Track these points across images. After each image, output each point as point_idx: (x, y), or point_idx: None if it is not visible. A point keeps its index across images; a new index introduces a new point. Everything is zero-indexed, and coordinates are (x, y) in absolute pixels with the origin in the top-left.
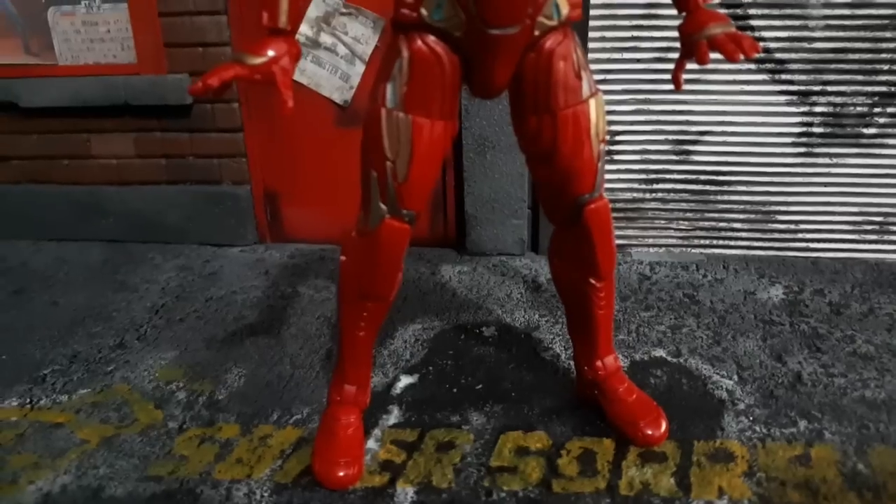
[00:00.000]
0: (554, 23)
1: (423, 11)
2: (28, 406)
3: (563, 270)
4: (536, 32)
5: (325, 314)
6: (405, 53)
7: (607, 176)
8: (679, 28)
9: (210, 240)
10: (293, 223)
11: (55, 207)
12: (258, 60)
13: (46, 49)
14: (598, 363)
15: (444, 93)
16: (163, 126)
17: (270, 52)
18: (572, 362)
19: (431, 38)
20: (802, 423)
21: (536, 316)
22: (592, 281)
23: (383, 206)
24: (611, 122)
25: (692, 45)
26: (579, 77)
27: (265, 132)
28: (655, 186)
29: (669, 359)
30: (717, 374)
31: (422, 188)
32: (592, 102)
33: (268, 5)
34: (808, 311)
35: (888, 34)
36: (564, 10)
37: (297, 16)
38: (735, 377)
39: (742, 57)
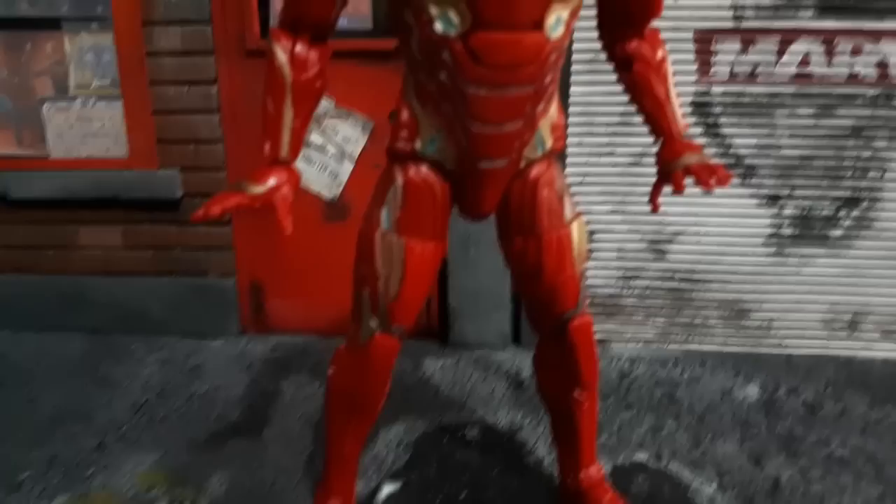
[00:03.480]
0: (538, 155)
1: (418, 145)
2: None
3: (547, 381)
4: (522, 164)
5: (307, 413)
6: (399, 181)
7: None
8: (656, 154)
9: (193, 331)
10: (277, 314)
11: (38, 297)
12: (259, 189)
13: (38, 142)
14: (582, 474)
15: (435, 217)
16: (151, 218)
17: (271, 181)
18: (556, 467)
19: (424, 168)
20: None
21: (520, 416)
22: (576, 393)
23: (374, 322)
24: (589, 221)
25: (669, 173)
26: (562, 202)
27: (253, 225)
28: (633, 283)
29: (650, 464)
30: (698, 479)
31: (412, 305)
32: (575, 226)
33: (270, 136)
34: (784, 411)
35: (851, 142)
36: (548, 143)
37: (298, 145)
38: (715, 483)
39: (716, 187)
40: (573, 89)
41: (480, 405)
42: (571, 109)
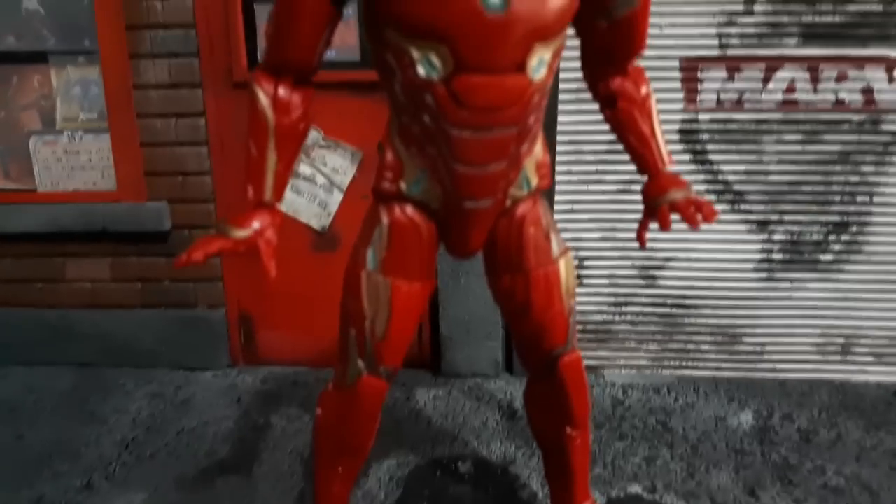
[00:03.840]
0: (524, 193)
1: (403, 185)
2: None
3: (539, 418)
4: (508, 202)
5: (297, 448)
6: (385, 221)
7: (579, 299)
8: (642, 190)
9: (183, 364)
10: (266, 345)
11: (26, 331)
12: (242, 234)
13: (26, 175)
14: None
15: (421, 257)
16: (140, 251)
17: (255, 225)
18: (550, 503)
19: (410, 208)
20: None
21: (513, 448)
22: (568, 430)
23: (361, 364)
24: (579, 248)
25: (655, 209)
26: (548, 239)
27: (242, 256)
28: (624, 309)
29: (645, 495)
30: None
31: (399, 346)
32: (562, 262)
33: (253, 179)
34: (779, 438)
35: (838, 168)
36: (534, 181)
37: (281, 187)
38: None
39: (701, 223)
40: (561, 118)
41: (473, 437)
42: (559, 138)
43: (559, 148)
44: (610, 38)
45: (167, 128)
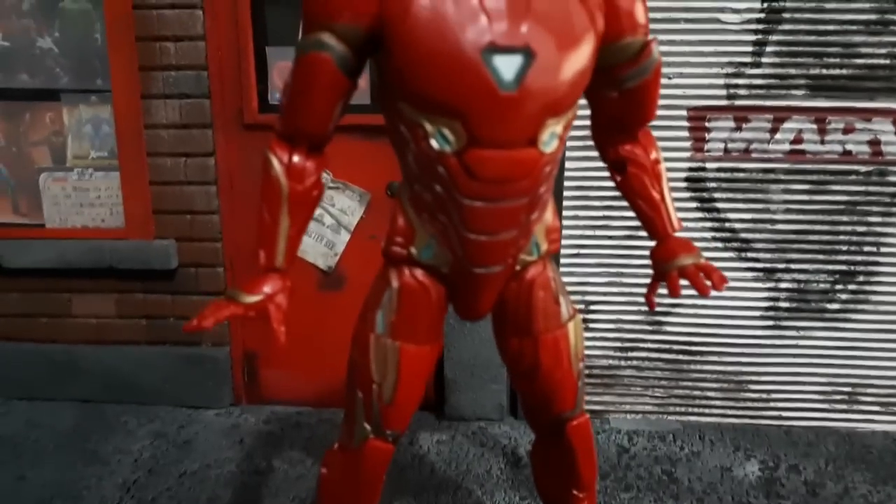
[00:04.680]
0: (534, 258)
1: (413, 250)
2: None
3: (545, 478)
4: (518, 267)
5: (298, 495)
6: (395, 285)
7: (584, 344)
8: (651, 252)
9: (186, 401)
10: (270, 384)
11: (30, 366)
12: (253, 299)
13: (35, 210)
14: None
15: (430, 321)
16: (146, 288)
17: (266, 289)
18: None
19: (420, 272)
20: None
21: (517, 498)
22: (575, 492)
23: (367, 427)
24: (585, 293)
25: (664, 274)
26: (558, 303)
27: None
28: (630, 354)
29: None
30: None
31: (406, 410)
32: (571, 326)
33: (265, 244)
34: (785, 491)
35: (845, 217)
36: (544, 246)
37: (293, 252)
38: None
39: (712, 291)
40: (568, 164)
41: (477, 486)
42: (566, 184)
43: (566, 193)
44: (621, 107)
45: (177, 167)
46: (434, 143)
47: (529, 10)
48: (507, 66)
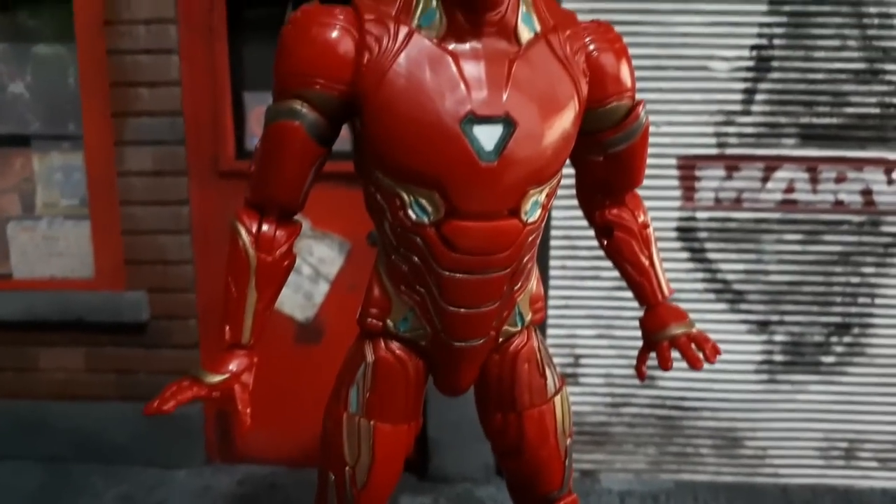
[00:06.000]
0: (518, 329)
1: (390, 322)
2: None
3: None
4: (501, 339)
5: None
6: (370, 359)
7: (574, 399)
8: (640, 321)
9: (156, 460)
10: (244, 443)
11: None
12: (217, 379)
13: (2, 260)
14: None
15: (407, 397)
16: (116, 341)
17: (231, 367)
18: None
19: (396, 345)
20: None
21: None
22: None
23: None
24: (574, 346)
25: (654, 344)
26: (543, 376)
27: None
28: (622, 410)
29: None
30: None
31: (382, 493)
32: (558, 400)
33: (231, 320)
34: None
35: (838, 269)
36: (528, 316)
37: (260, 328)
38: None
39: (704, 363)
40: (555, 213)
41: None
42: (554, 233)
43: (552, 242)
44: (607, 171)
45: (149, 216)
46: (411, 214)
47: (510, 77)
48: (486, 137)
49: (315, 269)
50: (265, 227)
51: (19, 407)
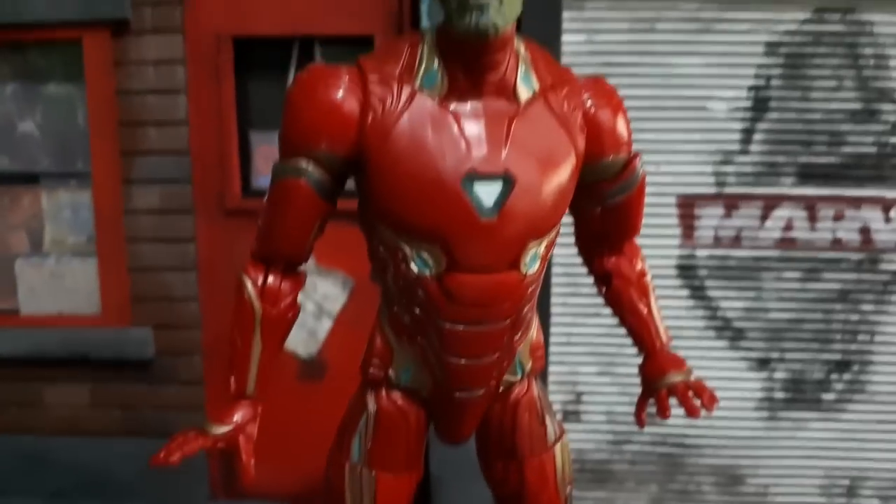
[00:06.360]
0: (518, 378)
1: (392, 373)
2: None
3: None
4: (501, 388)
5: None
6: (372, 409)
7: (576, 436)
8: (640, 369)
9: (161, 498)
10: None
11: None
12: (222, 430)
13: (9, 296)
14: None
15: (409, 447)
16: (121, 377)
17: (236, 419)
18: None
19: (398, 395)
20: None
21: None
22: None
23: None
24: (575, 383)
25: (653, 392)
26: (543, 424)
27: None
28: (623, 448)
29: None
30: None
31: None
32: (558, 448)
33: (236, 370)
34: None
35: (838, 306)
36: (528, 365)
37: (265, 379)
38: None
39: (702, 412)
40: (557, 250)
41: None
42: (556, 270)
43: (554, 280)
44: (605, 222)
45: (156, 253)
46: (413, 267)
47: (509, 135)
48: (487, 193)
49: (319, 305)
50: (271, 280)
51: (24, 442)
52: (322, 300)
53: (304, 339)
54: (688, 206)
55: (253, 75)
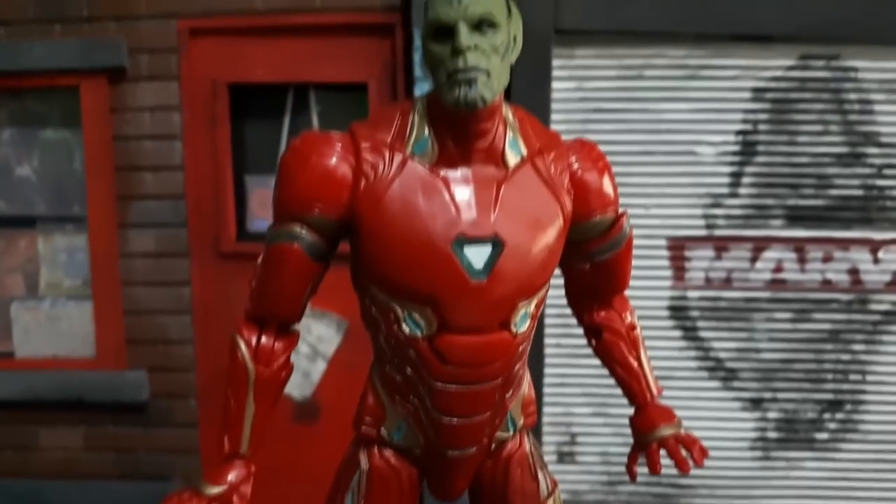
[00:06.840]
0: (509, 434)
1: (384, 431)
2: None
3: None
4: (493, 445)
5: None
6: (364, 467)
7: (571, 477)
8: (630, 421)
9: None
10: None
11: None
12: (216, 491)
13: (4, 340)
14: None
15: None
16: (115, 420)
17: (230, 478)
18: None
19: (390, 453)
20: None
21: None
22: None
23: None
24: (570, 424)
25: (643, 445)
26: (536, 479)
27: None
28: (619, 489)
29: None
30: None
31: None
32: (550, 503)
33: (230, 430)
34: None
35: (829, 346)
36: (520, 421)
37: (259, 438)
38: None
39: (692, 467)
40: (550, 292)
41: None
42: (549, 311)
43: (548, 321)
44: (593, 278)
45: (151, 296)
46: (405, 328)
47: (498, 200)
48: (476, 256)
49: (313, 347)
50: (264, 340)
51: (18, 486)
52: (316, 342)
53: (298, 381)
54: (678, 248)
55: (248, 121)
